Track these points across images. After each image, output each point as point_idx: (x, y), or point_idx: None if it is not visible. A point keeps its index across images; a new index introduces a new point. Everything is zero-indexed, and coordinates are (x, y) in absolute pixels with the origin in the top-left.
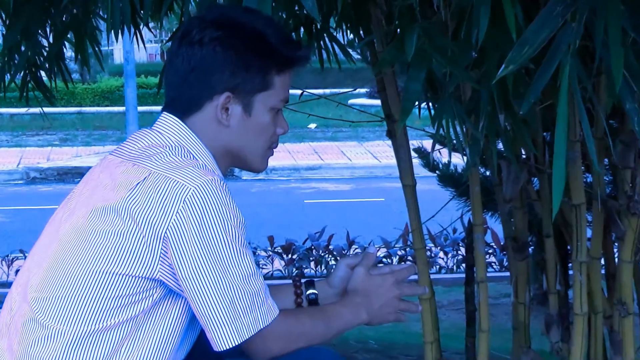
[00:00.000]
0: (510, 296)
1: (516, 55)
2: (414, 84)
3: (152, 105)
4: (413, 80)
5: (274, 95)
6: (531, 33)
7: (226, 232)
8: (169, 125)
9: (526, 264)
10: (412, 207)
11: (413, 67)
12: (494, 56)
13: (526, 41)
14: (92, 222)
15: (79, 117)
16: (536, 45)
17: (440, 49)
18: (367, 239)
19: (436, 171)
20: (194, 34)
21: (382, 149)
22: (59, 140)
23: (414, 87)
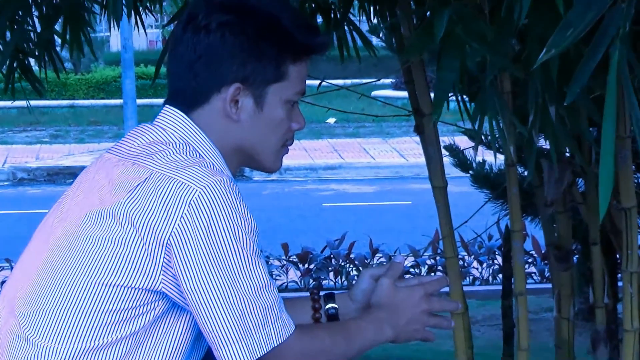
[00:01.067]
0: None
1: (558, 39)
2: (448, 73)
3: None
4: (446, 69)
5: (289, 86)
6: (575, 15)
7: (236, 238)
8: (172, 120)
9: (570, 275)
10: (443, 212)
11: (445, 55)
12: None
13: (569, 23)
14: (86, 227)
15: (72, 111)
16: (581, 28)
17: (476, 33)
18: (393, 247)
19: (469, 171)
20: (200, 19)
21: (409, 146)
22: (49, 136)
23: (447, 77)
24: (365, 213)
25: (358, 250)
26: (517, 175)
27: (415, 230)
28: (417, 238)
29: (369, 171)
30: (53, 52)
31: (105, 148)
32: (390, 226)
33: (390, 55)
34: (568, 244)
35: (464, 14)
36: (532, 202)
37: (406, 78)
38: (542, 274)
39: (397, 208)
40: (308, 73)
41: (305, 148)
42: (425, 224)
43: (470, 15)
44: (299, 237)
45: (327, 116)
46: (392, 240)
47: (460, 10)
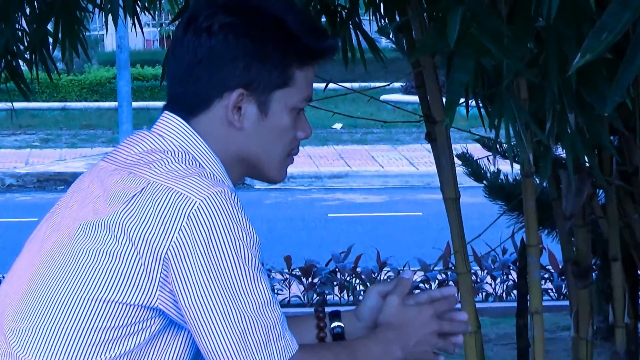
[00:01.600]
0: (570, 330)
1: (593, 43)
2: (461, 75)
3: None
4: (459, 70)
5: (295, 92)
6: (610, 16)
7: (237, 253)
8: (171, 126)
9: (589, 292)
10: (455, 224)
11: (459, 55)
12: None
13: (604, 26)
14: (80, 239)
15: (63, 113)
16: (617, 31)
17: (491, 33)
18: (402, 261)
19: (483, 181)
20: (202, 20)
21: (419, 154)
22: (39, 140)
23: (460, 78)
24: (372, 224)
25: (365, 263)
26: (534, 187)
27: (425, 243)
28: (427, 251)
29: (377, 180)
30: (45, 51)
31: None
32: (399, 238)
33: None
34: (587, 260)
35: (480, 12)
36: (549, 215)
37: (417, 82)
38: (559, 291)
39: (406, 219)
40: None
41: (309, 155)
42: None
43: (486, 14)
44: (302, 249)
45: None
46: (401, 254)
47: (476, 8)
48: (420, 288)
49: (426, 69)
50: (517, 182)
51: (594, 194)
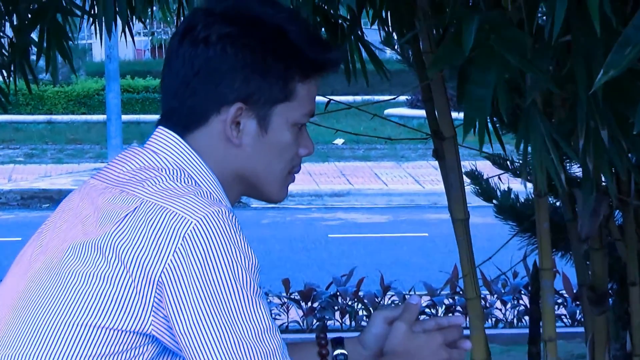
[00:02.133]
0: (585, 358)
1: (617, 58)
2: (480, 89)
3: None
4: (478, 84)
5: (297, 107)
6: (634, 29)
7: (235, 277)
8: (165, 142)
9: (605, 319)
10: (464, 246)
11: (477, 67)
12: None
13: (628, 40)
14: (69, 262)
15: (49, 127)
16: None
17: (512, 45)
18: (407, 284)
19: (493, 201)
20: (199, 30)
21: (425, 172)
22: (23, 156)
23: (480, 93)
24: (375, 245)
25: (367, 287)
26: (547, 207)
27: (431, 266)
28: (433, 274)
29: (381, 199)
30: (25, 61)
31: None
32: (403, 261)
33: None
34: (604, 285)
35: (497, 21)
36: (563, 237)
37: (424, 96)
38: (574, 317)
39: (411, 240)
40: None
41: (309, 172)
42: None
43: (504, 24)
44: (301, 271)
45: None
46: (406, 277)
47: (493, 17)
48: (427, 313)
49: (434, 82)
50: (529, 201)
51: (611, 215)
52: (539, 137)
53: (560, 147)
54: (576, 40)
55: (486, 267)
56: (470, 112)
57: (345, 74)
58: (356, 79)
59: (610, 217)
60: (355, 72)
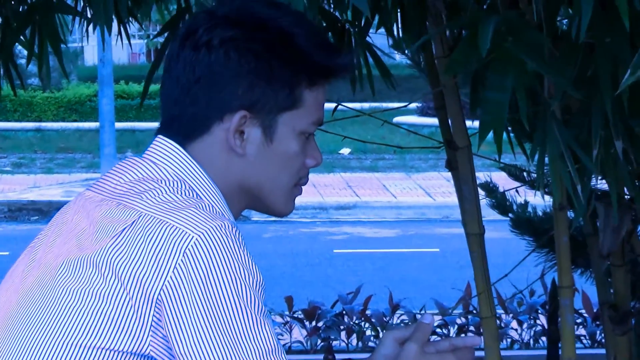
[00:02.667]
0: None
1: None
2: (497, 94)
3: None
4: (494, 89)
5: (304, 115)
6: None
7: (239, 295)
8: (165, 153)
9: (628, 339)
10: (479, 263)
11: (494, 71)
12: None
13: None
14: (63, 278)
15: (38, 135)
16: None
17: (530, 47)
18: (417, 303)
19: (509, 214)
20: (201, 34)
21: (437, 183)
22: (10, 165)
23: (497, 98)
24: (384, 261)
25: (375, 305)
26: (567, 221)
27: (443, 283)
28: (445, 292)
29: (389, 212)
30: (11, 64)
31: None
32: (413, 277)
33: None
34: (626, 303)
35: (515, 23)
36: (583, 253)
37: (436, 103)
38: (594, 338)
39: (422, 256)
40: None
41: (313, 184)
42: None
43: (522, 26)
44: (305, 289)
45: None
46: (416, 295)
47: (510, 19)
48: (438, 334)
49: (447, 88)
50: (547, 215)
51: (634, 230)
52: (556, 146)
53: (579, 157)
54: (600, 41)
55: (501, 285)
56: (487, 118)
57: (350, 83)
58: (362, 86)
59: (633, 232)
60: (361, 79)
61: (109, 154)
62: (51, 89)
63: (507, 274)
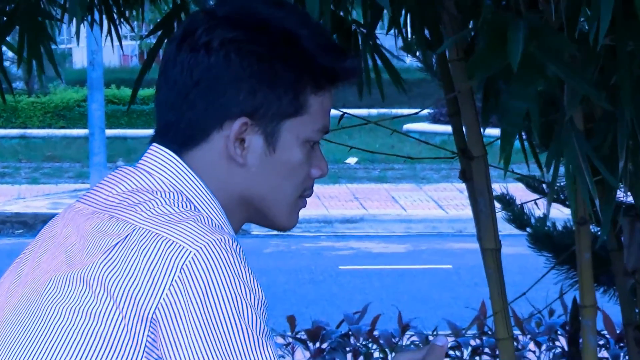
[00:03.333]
0: None
1: None
2: (519, 102)
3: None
4: (517, 97)
5: (309, 122)
6: None
7: (240, 314)
8: (161, 162)
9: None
10: (494, 280)
11: (519, 79)
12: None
13: None
14: (51, 295)
15: (23, 142)
16: None
17: (554, 52)
18: (428, 323)
19: (527, 228)
20: (199, 35)
21: (449, 195)
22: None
23: (518, 106)
24: (393, 278)
25: (384, 325)
26: (589, 236)
27: (456, 302)
28: (458, 311)
29: (399, 225)
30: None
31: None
32: (424, 296)
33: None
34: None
35: (537, 27)
36: (606, 270)
37: (450, 109)
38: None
39: (433, 273)
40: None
41: (318, 195)
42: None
43: (545, 29)
44: (308, 307)
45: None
46: (427, 314)
47: (532, 22)
48: (451, 356)
49: (462, 94)
50: (567, 230)
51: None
52: (573, 157)
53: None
54: (622, 46)
55: (518, 304)
56: (509, 127)
57: (357, 89)
58: (369, 91)
59: None
60: (369, 83)
61: (99, 163)
62: (37, 94)
63: (525, 293)
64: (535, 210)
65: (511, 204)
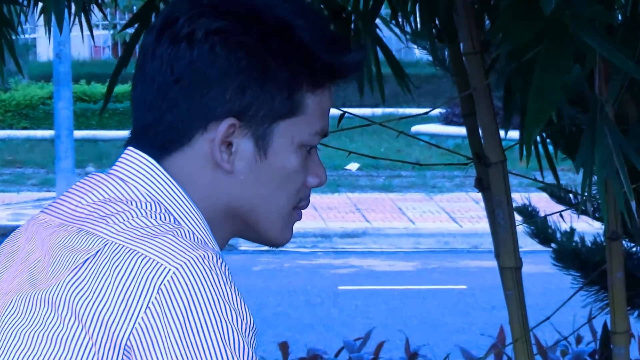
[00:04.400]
0: None
1: None
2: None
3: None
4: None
5: (305, 124)
6: None
7: (225, 341)
8: (136, 168)
9: None
10: (514, 302)
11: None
12: None
13: None
14: (11, 319)
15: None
16: None
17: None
18: (439, 351)
19: (551, 244)
20: (181, 25)
21: (463, 207)
22: None
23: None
24: (399, 300)
25: (389, 353)
26: (622, 253)
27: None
28: (473, 338)
29: (406, 240)
30: None
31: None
32: (435, 320)
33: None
34: None
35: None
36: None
37: (464, 110)
38: None
39: (445, 294)
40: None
41: (314, 206)
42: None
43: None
44: (303, 333)
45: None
46: (438, 341)
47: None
48: None
49: (478, 92)
50: (597, 246)
51: None
52: (607, 155)
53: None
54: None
55: (541, 330)
56: (539, 103)
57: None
58: (372, 89)
59: None
60: (370, 80)
61: (66, 169)
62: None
63: (549, 317)
64: (561, 224)
65: (534, 216)
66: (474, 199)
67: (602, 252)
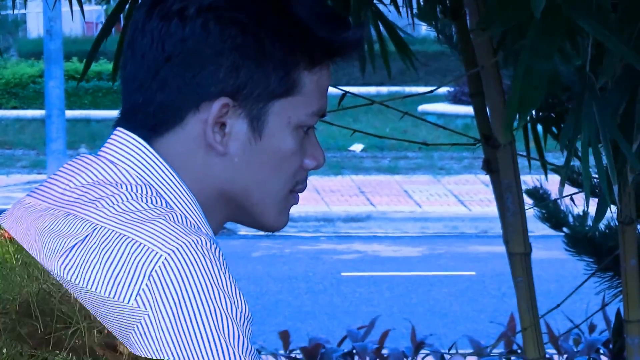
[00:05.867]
0: None
1: None
2: (544, 62)
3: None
4: (540, 57)
5: (302, 104)
6: None
7: (219, 330)
8: (126, 150)
9: None
10: (524, 290)
11: (541, 34)
12: None
13: None
14: None
15: None
16: None
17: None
18: (446, 340)
19: (563, 228)
20: (173, 0)
21: (472, 189)
22: None
23: (542, 67)
24: (405, 287)
25: (394, 342)
26: (636, 239)
27: (479, 315)
28: (482, 327)
29: (413, 225)
30: None
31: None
32: (442, 308)
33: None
34: None
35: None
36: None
37: (472, 88)
38: None
39: (453, 281)
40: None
41: (317, 189)
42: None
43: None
44: (305, 321)
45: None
46: (445, 329)
47: None
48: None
49: (485, 70)
50: (611, 230)
51: None
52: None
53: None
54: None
55: (553, 318)
56: (528, 91)
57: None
58: (374, 68)
59: None
60: (372, 58)
61: (58, 150)
62: None
63: (560, 304)
64: (573, 207)
65: (545, 199)
66: (483, 181)
67: (615, 238)
